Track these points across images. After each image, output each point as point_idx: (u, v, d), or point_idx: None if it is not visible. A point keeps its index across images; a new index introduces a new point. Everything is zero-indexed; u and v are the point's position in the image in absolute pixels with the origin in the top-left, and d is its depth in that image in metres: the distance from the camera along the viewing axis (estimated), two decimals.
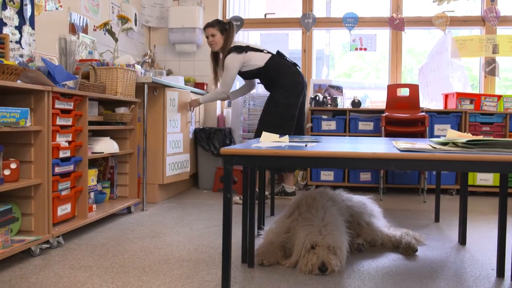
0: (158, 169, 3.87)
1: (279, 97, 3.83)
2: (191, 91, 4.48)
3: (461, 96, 4.69)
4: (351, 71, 6.59)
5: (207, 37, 3.97)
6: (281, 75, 3.84)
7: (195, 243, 2.68)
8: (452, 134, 2.13)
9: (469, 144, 1.65)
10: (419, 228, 3.09)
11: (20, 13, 3.12)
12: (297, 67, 3.98)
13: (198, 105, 4.36)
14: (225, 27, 3.94)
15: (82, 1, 3.96)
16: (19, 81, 2.35)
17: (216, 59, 4.09)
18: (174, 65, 5.42)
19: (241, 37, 5.78)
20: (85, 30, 3.98)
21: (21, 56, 3.05)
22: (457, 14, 5.17)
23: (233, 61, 3.85)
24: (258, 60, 3.87)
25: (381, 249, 2.61)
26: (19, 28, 3.10)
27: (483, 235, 2.97)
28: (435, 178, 3.61)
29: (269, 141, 2.05)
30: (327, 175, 4.70)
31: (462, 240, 2.74)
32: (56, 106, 2.56)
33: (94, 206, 3.06)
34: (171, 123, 3.96)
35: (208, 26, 3.97)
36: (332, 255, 2.19)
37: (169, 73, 5.23)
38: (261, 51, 3.92)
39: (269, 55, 3.90)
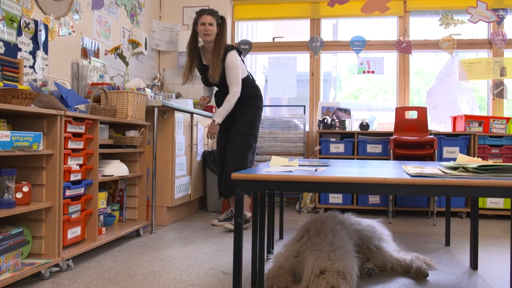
0: (167, 192, 3.88)
1: (255, 120, 3.75)
2: (200, 114, 4.51)
3: (469, 118, 4.69)
4: (358, 92, 6.62)
5: (202, 23, 3.58)
6: (256, 96, 3.78)
7: (205, 267, 2.67)
8: (462, 159, 2.13)
9: (480, 169, 1.65)
10: (429, 252, 3.06)
11: (35, 38, 3.19)
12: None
13: (218, 129, 3.73)
14: (219, 21, 3.68)
15: (94, 26, 4.04)
16: (32, 105, 2.40)
17: (193, 52, 3.72)
18: (184, 89, 5.48)
19: (249, 60, 5.85)
20: (96, 54, 4.05)
21: (35, 80, 3.11)
22: (464, 37, 5.21)
23: (236, 57, 3.63)
24: (243, 70, 3.74)
25: (391, 274, 2.58)
26: (33, 53, 3.17)
27: (495, 259, 2.93)
28: (445, 201, 3.59)
29: (278, 165, 2.06)
30: (335, 198, 4.69)
31: (474, 264, 2.71)
32: (68, 129, 2.59)
33: (104, 229, 3.07)
34: (178, 145, 3.99)
35: (206, 12, 3.61)
36: (342, 279, 2.17)
37: (178, 96, 5.29)
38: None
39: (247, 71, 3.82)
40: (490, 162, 1.71)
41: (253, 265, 2.33)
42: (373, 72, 5.31)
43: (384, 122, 5.38)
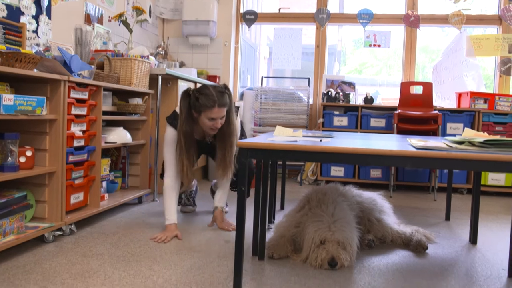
0: None
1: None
2: (204, 84, 4.48)
3: (475, 95, 4.65)
4: (363, 67, 6.55)
5: (212, 119, 2.61)
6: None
7: (206, 235, 2.70)
8: (469, 133, 2.12)
9: (486, 143, 1.64)
10: (429, 226, 3.08)
11: (37, 2, 3.13)
12: None
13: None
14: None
15: None
16: (35, 70, 2.37)
17: (190, 143, 2.68)
18: (187, 58, 5.42)
19: (254, 31, 5.78)
20: (100, 21, 3.99)
21: (38, 45, 3.08)
22: (473, 12, 5.12)
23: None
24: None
25: (391, 246, 2.61)
26: (35, 17, 3.12)
27: (494, 235, 2.95)
28: (447, 177, 3.60)
29: (283, 135, 2.05)
30: (337, 171, 4.70)
31: (473, 239, 2.73)
32: (72, 95, 2.58)
33: (106, 195, 3.09)
34: None
35: (218, 105, 2.58)
36: (342, 250, 2.19)
37: (182, 65, 5.24)
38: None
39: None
40: (496, 136, 1.70)
41: (254, 234, 2.35)
42: (379, 46, 5.24)
43: (388, 97, 5.34)
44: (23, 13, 3.00)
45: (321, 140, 1.88)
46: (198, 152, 2.87)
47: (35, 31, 3.12)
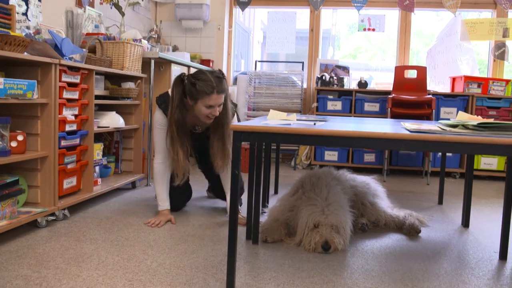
0: None
1: None
2: (196, 68, 4.44)
3: (469, 79, 4.65)
4: (357, 52, 6.52)
5: (210, 106, 2.45)
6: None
7: (200, 219, 2.70)
8: (463, 117, 2.12)
9: (480, 126, 1.64)
10: (422, 210, 3.10)
11: None
12: None
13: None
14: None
15: None
16: (26, 53, 2.34)
17: (182, 132, 2.55)
18: (180, 41, 5.37)
19: (248, 15, 5.72)
20: (91, 4, 3.93)
21: (28, 28, 3.02)
22: None
23: None
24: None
25: (384, 230, 2.62)
26: None
27: (486, 218, 2.98)
28: (440, 161, 3.61)
29: (277, 119, 2.04)
30: (331, 155, 4.70)
31: (466, 222, 2.75)
32: (63, 79, 2.54)
33: (99, 180, 3.07)
34: None
35: (217, 91, 2.44)
36: (335, 233, 2.20)
37: (175, 49, 5.19)
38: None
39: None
40: (490, 120, 1.70)
41: (248, 218, 2.35)
42: (373, 29, 5.21)
43: (382, 82, 5.33)
44: None
45: (315, 124, 1.87)
46: (192, 143, 2.66)
47: (25, 14, 3.07)
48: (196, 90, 2.43)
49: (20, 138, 2.30)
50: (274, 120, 1.98)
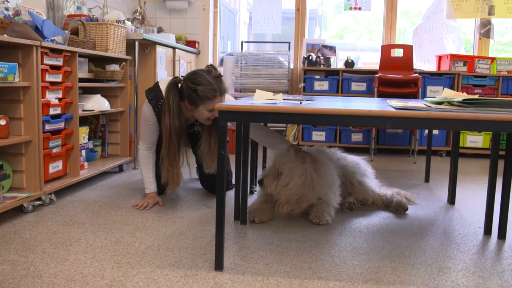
0: None
1: None
2: (182, 49, 4.39)
3: (454, 58, 4.66)
4: (344, 32, 6.49)
5: (213, 109, 2.34)
6: None
7: (188, 201, 2.69)
8: (448, 93, 2.12)
9: (465, 103, 1.64)
10: (409, 188, 3.12)
11: None
12: None
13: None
14: None
15: None
16: (5, 35, 2.28)
17: (180, 140, 2.47)
18: (165, 23, 5.29)
19: None
20: None
21: (7, 9, 2.94)
22: None
23: None
24: None
25: (372, 208, 2.64)
26: None
27: (471, 195, 3.01)
28: (426, 140, 3.63)
29: (263, 99, 2.02)
30: (318, 135, 4.71)
31: (451, 199, 2.78)
32: (45, 62, 2.49)
33: (86, 164, 3.05)
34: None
35: (220, 93, 2.35)
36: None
37: (160, 30, 5.12)
38: None
39: None
40: (475, 96, 1.70)
41: (236, 199, 2.35)
42: (360, 8, 5.17)
43: (369, 62, 5.32)
44: None
45: (301, 103, 1.86)
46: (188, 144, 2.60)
47: None
48: (198, 96, 2.30)
49: (2, 122, 2.26)
50: (260, 100, 1.96)
